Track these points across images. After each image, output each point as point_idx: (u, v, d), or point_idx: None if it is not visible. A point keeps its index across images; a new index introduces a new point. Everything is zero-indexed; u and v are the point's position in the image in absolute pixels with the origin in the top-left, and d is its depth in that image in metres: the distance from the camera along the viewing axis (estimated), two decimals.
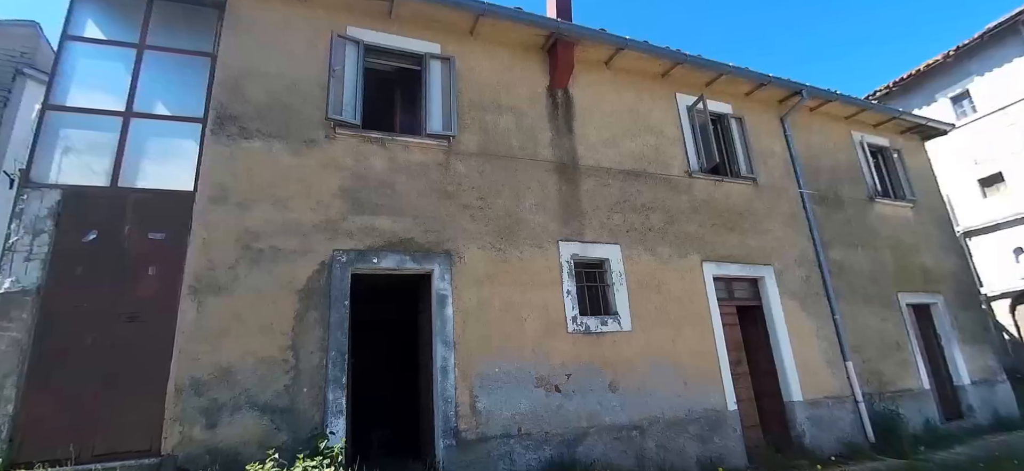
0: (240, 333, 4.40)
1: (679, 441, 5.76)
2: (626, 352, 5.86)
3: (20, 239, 3.95)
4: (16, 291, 3.85)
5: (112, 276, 4.21)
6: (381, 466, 5.16)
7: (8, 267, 3.89)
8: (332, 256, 4.92)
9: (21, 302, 3.85)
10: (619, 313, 5.99)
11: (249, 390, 4.31)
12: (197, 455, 4.01)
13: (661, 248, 6.52)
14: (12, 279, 3.85)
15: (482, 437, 4.95)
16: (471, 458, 4.85)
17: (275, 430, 4.29)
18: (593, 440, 5.38)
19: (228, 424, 4.17)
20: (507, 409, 5.14)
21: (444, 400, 4.92)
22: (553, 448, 5.18)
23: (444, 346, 5.09)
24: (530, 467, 5.03)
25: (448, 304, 5.24)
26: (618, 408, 5.61)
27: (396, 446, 6.75)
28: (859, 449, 6.58)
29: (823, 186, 8.31)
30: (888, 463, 6.11)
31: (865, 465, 6.03)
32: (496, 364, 5.24)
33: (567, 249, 5.98)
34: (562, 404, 5.38)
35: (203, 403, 4.15)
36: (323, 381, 4.56)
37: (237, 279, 4.52)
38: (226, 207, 4.67)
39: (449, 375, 5.02)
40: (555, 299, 5.72)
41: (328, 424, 4.44)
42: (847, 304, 7.57)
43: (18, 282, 3.87)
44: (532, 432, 5.16)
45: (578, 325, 5.73)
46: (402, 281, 5.65)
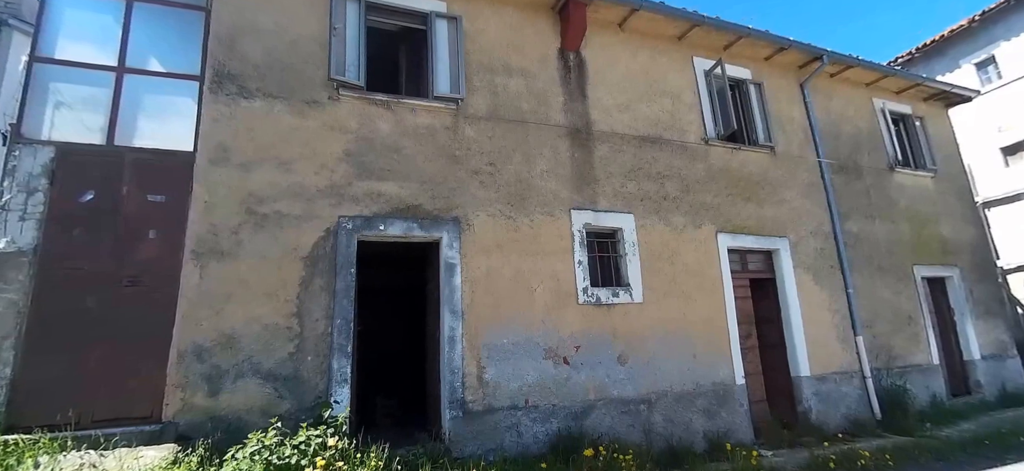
0: (244, 299, 4.28)
1: (686, 415, 5.72)
2: (636, 324, 5.75)
3: (14, 197, 3.79)
4: (12, 252, 3.72)
5: (111, 239, 4.07)
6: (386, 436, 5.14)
7: (3, 226, 3.75)
8: (338, 222, 4.75)
9: (17, 263, 3.72)
10: (631, 285, 5.85)
11: (253, 357, 4.22)
12: (199, 422, 3.95)
13: (675, 218, 6.32)
14: (7, 239, 3.71)
15: (489, 408, 4.90)
16: (478, 429, 4.81)
17: (278, 398, 4.23)
18: (601, 413, 5.33)
19: (231, 391, 4.10)
20: (515, 380, 5.07)
21: (451, 370, 4.85)
22: (560, 420, 5.14)
23: (452, 316, 4.98)
24: (537, 439, 5.00)
25: (456, 273, 5.10)
26: (626, 381, 5.54)
27: (401, 415, 6.76)
28: (865, 425, 6.55)
29: (842, 155, 8.02)
30: (894, 440, 6.08)
31: (871, 442, 5.99)
32: (504, 335, 5.14)
33: (579, 217, 5.79)
34: (570, 376, 5.31)
35: (205, 369, 4.07)
36: (328, 349, 4.47)
37: (241, 244, 4.37)
38: (228, 169, 4.47)
39: (457, 345, 4.93)
40: (566, 269, 5.57)
41: (332, 393, 4.38)
42: (861, 277, 7.41)
43: (13, 242, 3.73)
44: (539, 404, 5.11)
45: (589, 296, 5.60)
46: (410, 249, 5.50)
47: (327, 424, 4.03)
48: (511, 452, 4.80)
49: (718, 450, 5.50)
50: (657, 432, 5.52)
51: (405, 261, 7.09)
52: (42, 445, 3.51)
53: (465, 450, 4.67)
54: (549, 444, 4.97)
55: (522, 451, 4.85)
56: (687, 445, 5.51)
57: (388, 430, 5.77)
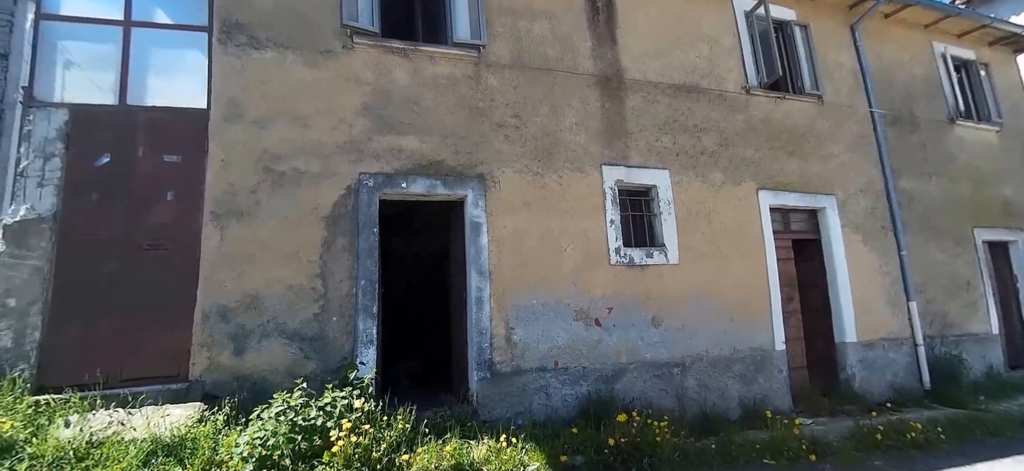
0: (266, 260, 4.15)
1: (722, 380, 5.47)
2: (671, 286, 5.46)
3: (31, 163, 3.68)
4: (33, 218, 3.63)
5: (129, 203, 3.95)
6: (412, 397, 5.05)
7: (22, 193, 3.66)
8: (358, 180, 4.53)
9: (39, 230, 3.64)
10: (666, 245, 5.52)
11: (277, 318, 4.12)
12: (225, 381, 3.90)
13: (713, 174, 5.90)
14: (27, 206, 3.62)
15: (517, 370, 4.74)
16: (506, 391, 4.67)
17: (304, 358, 4.14)
18: (632, 376, 5.13)
19: (256, 351, 4.03)
20: (544, 342, 4.88)
21: (478, 331, 4.68)
22: (590, 383, 4.96)
23: (479, 276, 4.77)
24: (566, 402, 4.84)
25: (482, 232, 4.86)
26: (660, 344, 5.30)
27: (425, 378, 6.70)
28: (912, 395, 6.18)
29: (896, 105, 7.34)
30: (945, 412, 5.69)
31: (920, 413, 5.62)
32: (533, 295, 4.92)
33: (611, 174, 5.44)
34: (602, 339, 5.10)
35: (231, 329, 3.99)
36: (353, 310, 4.34)
37: (259, 204, 4.21)
38: (242, 126, 4.27)
39: (484, 306, 4.74)
40: (597, 229, 5.28)
41: (358, 354, 4.27)
42: (915, 239, 6.88)
43: (34, 209, 3.65)
44: (569, 366, 4.93)
45: (621, 257, 5.31)
46: (433, 208, 5.28)
47: (353, 386, 3.93)
48: (540, 415, 4.67)
49: (754, 417, 5.27)
50: (690, 397, 5.30)
51: (428, 222, 6.90)
52: (72, 404, 3.51)
53: (493, 413, 4.55)
54: (579, 407, 4.82)
55: (551, 414, 4.71)
56: (721, 411, 5.28)
57: (412, 392, 5.70)
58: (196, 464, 3.26)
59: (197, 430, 3.47)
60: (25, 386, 3.48)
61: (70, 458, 3.21)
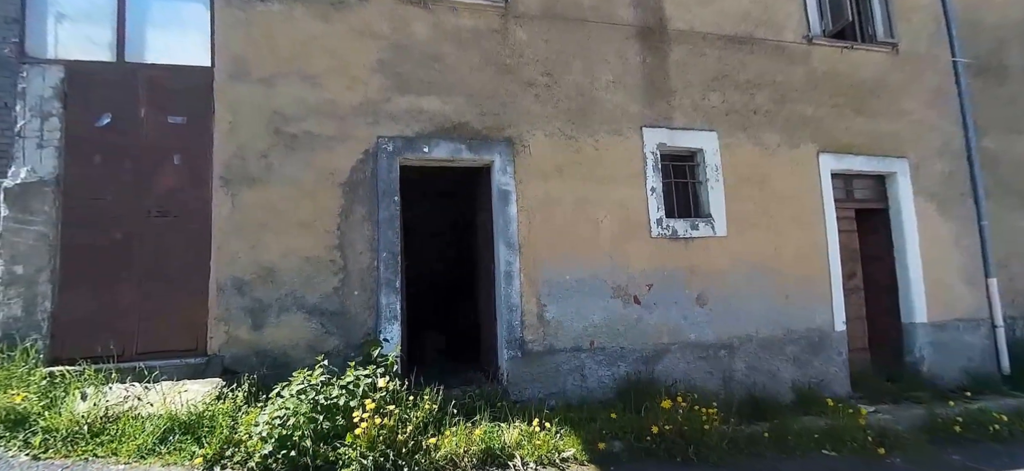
0: (280, 230, 3.89)
1: (773, 363, 4.99)
2: (718, 260, 4.95)
3: (28, 123, 3.48)
4: (34, 181, 3.45)
5: (134, 166, 3.73)
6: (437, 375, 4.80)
7: (21, 155, 3.47)
8: (376, 144, 4.18)
9: (41, 194, 3.46)
10: (712, 215, 4.99)
11: (295, 291, 3.88)
12: (244, 356, 3.71)
13: (768, 135, 5.27)
14: (28, 168, 3.43)
15: (550, 349, 4.40)
16: (538, 371, 4.34)
17: (325, 334, 3.90)
18: (675, 358, 4.72)
19: (275, 326, 3.81)
20: (578, 320, 4.51)
21: (508, 308, 4.34)
22: (629, 364, 4.58)
23: (508, 249, 4.40)
24: (603, 384, 4.49)
25: (511, 201, 4.45)
26: (705, 324, 4.85)
27: (451, 353, 6.47)
28: (988, 381, 5.51)
29: (983, 52, 6.39)
30: None
31: (999, 401, 5.00)
32: (567, 270, 4.53)
33: (652, 137, 4.90)
34: (641, 317, 4.68)
35: (247, 303, 3.77)
36: (375, 284, 4.05)
37: (271, 169, 3.92)
38: (249, 84, 3.95)
39: (514, 281, 4.38)
40: (636, 197, 4.79)
41: (382, 329, 4.00)
42: (998, 207, 6.07)
43: (35, 172, 3.46)
44: (606, 346, 4.55)
45: (663, 228, 4.82)
46: (458, 175, 4.89)
47: (377, 363, 3.68)
48: (574, 397, 4.35)
49: (808, 402, 4.79)
50: (738, 380, 4.87)
51: (453, 189, 6.53)
52: (87, 377, 3.37)
53: (524, 393, 4.25)
54: (616, 389, 4.47)
55: (586, 396, 4.38)
56: (771, 396, 4.83)
57: (438, 368, 5.47)
58: (214, 443, 3.09)
59: (215, 407, 3.29)
60: (38, 357, 3.36)
61: (85, 433, 3.09)
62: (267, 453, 3.00)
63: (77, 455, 3.01)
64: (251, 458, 3.02)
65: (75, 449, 3.03)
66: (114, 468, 2.97)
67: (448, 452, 3.28)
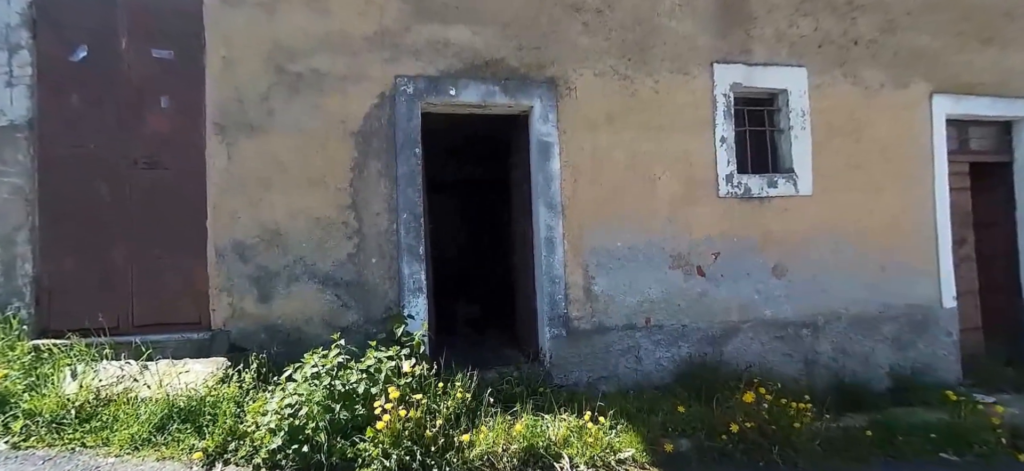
0: (285, 186, 3.33)
1: (865, 344, 4.21)
2: (800, 224, 4.14)
3: None
4: (5, 126, 3.00)
5: (116, 108, 3.21)
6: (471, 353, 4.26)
7: None
8: (394, 84, 3.52)
9: (13, 140, 3.01)
10: (795, 171, 4.15)
11: (305, 258, 3.35)
12: (252, 331, 3.25)
13: (869, 72, 4.31)
14: None
15: (599, 327, 3.77)
16: (585, 352, 3.73)
17: (341, 307, 3.38)
18: (746, 337, 4.01)
19: (285, 297, 3.31)
20: (632, 294, 3.84)
21: (550, 280, 3.70)
22: (692, 345, 3.91)
23: (549, 211, 3.73)
24: (661, 367, 3.84)
25: (553, 155, 3.75)
26: (783, 299, 4.09)
27: (485, 323, 5.94)
28: None
29: None
30: None
31: None
32: (618, 236, 3.84)
33: (725, 75, 4.04)
34: (706, 291, 3.97)
35: (251, 271, 3.28)
36: (395, 250, 3.48)
37: (273, 114, 3.34)
38: (244, 11, 3.32)
39: (556, 248, 3.72)
40: (703, 149, 4.00)
41: (405, 303, 3.45)
42: None
43: (4, 114, 3.00)
44: (664, 324, 3.88)
45: (734, 186, 4.03)
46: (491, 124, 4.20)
47: (401, 343, 3.15)
48: (627, 381, 3.74)
49: (908, 390, 4.06)
50: (822, 364, 4.13)
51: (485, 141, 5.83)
52: (77, 352, 2.97)
53: (569, 376, 3.67)
54: (676, 372, 3.84)
55: (641, 380, 3.77)
56: (863, 382, 4.09)
57: (471, 342, 4.96)
58: (216, 434, 2.65)
59: (219, 392, 2.84)
60: (22, 328, 2.97)
61: (72, 418, 2.70)
62: (276, 447, 2.54)
63: (62, 444, 2.61)
64: (257, 453, 2.57)
65: (61, 437, 2.63)
66: (104, 461, 2.57)
67: (484, 450, 2.74)
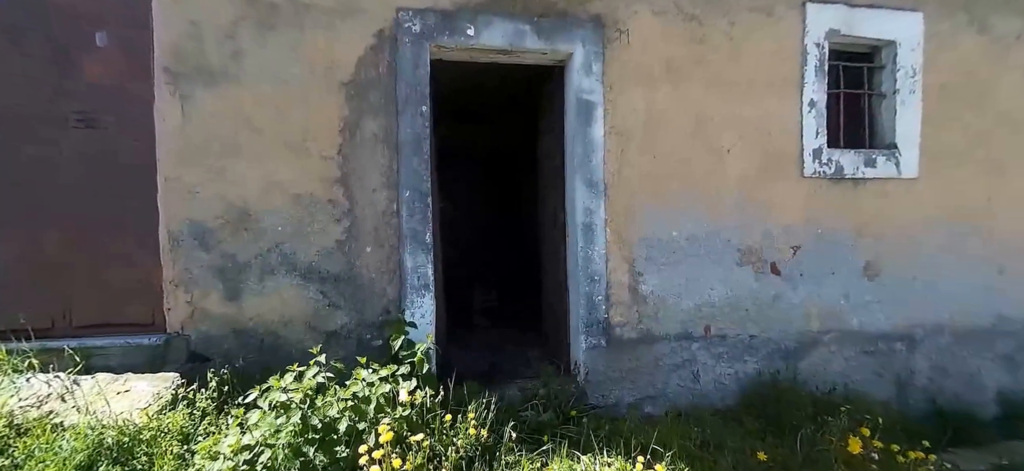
0: (256, 152, 2.61)
1: (971, 362, 3.43)
2: (900, 214, 3.32)
3: None
4: None
5: (39, 49, 2.49)
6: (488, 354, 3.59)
7: None
8: (396, 20, 2.73)
9: None
10: (898, 146, 3.29)
11: (282, 245, 2.65)
12: (218, 336, 2.59)
13: (1004, 19, 3.39)
14: None
15: (647, 336, 3.04)
16: (629, 366, 3.02)
17: (328, 307, 2.70)
18: (827, 352, 3.25)
19: (257, 294, 2.63)
20: (689, 296, 3.09)
21: (588, 276, 2.96)
22: (761, 360, 3.17)
23: (588, 190, 2.95)
24: (722, 385, 3.12)
25: (597, 118, 2.95)
26: (874, 305, 3.31)
27: (503, 314, 5.27)
28: None
29: None
30: None
31: None
32: (674, 223, 3.06)
33: (819, 19, 3.16)
34: (781, 293, 3.20)
35: (215, 260, 2.59)
36: (396, 236, 2.76)
37: (240, 58, 2.59)
38: None
39: (596, 237, 2.97)
40: (786, 116, 3.17)
41: (406, 303, 2.75)
42: None
43: None
44: (728, 333, 3.14)
45: (823, 164, 3.20)
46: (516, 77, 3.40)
47: (399, 359, 2.47)
48: (680, 402, 3.06)
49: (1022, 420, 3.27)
50: (917, 385, 3.37)
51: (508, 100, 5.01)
52: None
53: (609, 395, 2.98)
54: (741, 393, 3.15)
55: (697, 401, 3.08)
56: (966, 407, 3.35)
57: (487, 340, 4.29)
58: None
59: (164, 421, 2.20)
60: None
61: None
62: None
63: None
64: None
65: None
66: None
67: None
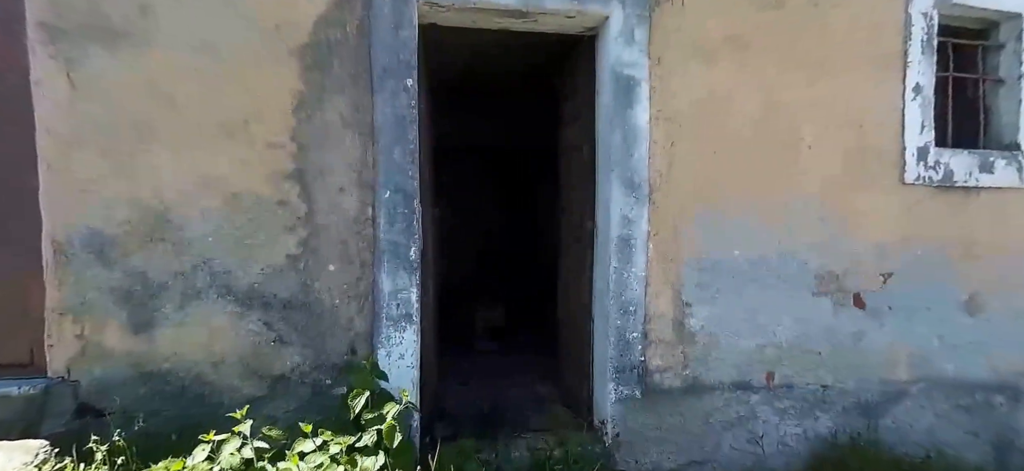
0: (178, 136, 1.91)
1: None
2: (1019, 234, 2.61)
3: None
4: None
5: None
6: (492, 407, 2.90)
7: None
8: None
9: None
10: (1021, 145, 2.57)
11: (213, 261, 1.96)
12: (119, 381, 1.91)
13: None
14: None
15: (694, 385, 2.38)
16: (670, 422, 2.36)
17: (274, 342, 2.02)
18: (915, 405, 2.59)
19: (177, 324, 1.95)
20: (749, 335, 2.42)
21: (621, 306, 2.27)
22: (835, 416, 2.51)
23: (627, 193, 2.25)
24: (787, 448, 2.47)
25: (639, 99, 2.24)
26: (973, 347, 2.64)
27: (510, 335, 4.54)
28: None
29: None
30: None
31: None
32: (735, 238, 2.38)
33: None
34: (864, 331, 2.52)
35: (118, 280, 1.90)
36: (370, 251, 2.07)
37: (151, 11, 1.87)
38: None
39: (635, 254, 2.27)
40: (884, 103, 2.47)
41: (381, 340, 2.06)
42: None
43: None
44: (795, 383, 2.47)
45: (929, 167, 2.49)
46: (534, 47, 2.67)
47: (362, 424, 1.79)
48: (735, 470, 2.37)
49: None
50: (1020, 448, 2.68)
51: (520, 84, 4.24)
52: None
53: (644, 459, 2.35)
54: (811, 459, 2.52)
55: (755, 468, 2.39)
56: None
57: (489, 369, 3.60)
58: None
59: None
60: None
61: None
62: None
63: None
64: None
65: None
66: None
67: None
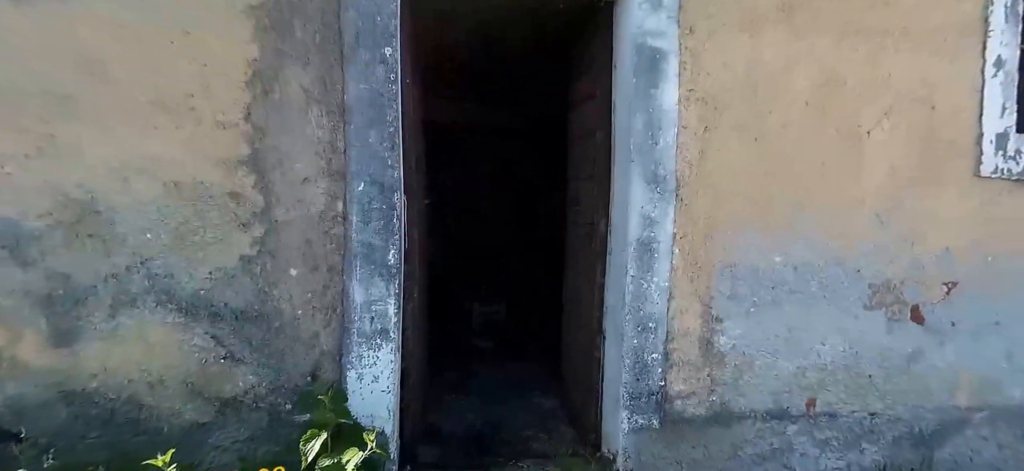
0: (106, 112, 1.58)
1: None
2: None
3: None
4: None
5: None
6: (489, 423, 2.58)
7: None
8: None
9: None
10: None
11: (151, 261, 1.64)
12: (37, 402, 1.62)
13: None
14: None
15: (722, 412, 2.05)
16: (693, 456, 2.05)
17: (224, 359, 1.71)
18: (977, 436, 2.25)
19: (107, 337, 1.64)
20: (789, 355, 2.07)
21: (638, 322, 1.92)
22: (884, 448, 2.17)
23: (650, 187, 1.89)
24: None
25: (668, 75, 1.87)
26: None
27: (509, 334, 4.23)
28: None
29: None
30: None
31: None
32: (780, 243, 2.03)
33: None
34: (921, 351, 2.16)
35: (36, 283, 1.59)
36: (339, 253, 1.74)
37: None
38: None
39: (657, 261, 1.92)
40: (957, 81, 2.09)
41: (351, 360, 1.75)
42: None
43: None
44: (840, 410, 2.13)
45: (1009, 157, 2.10)
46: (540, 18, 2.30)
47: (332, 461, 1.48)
48: None
49: None
50: None
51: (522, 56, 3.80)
52: None
53: None
54: None
55: None
56: None
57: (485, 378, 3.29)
58: None
59: None
60: None
61: None
62: None
63: None
64: None
65: None
66: None
67: None
